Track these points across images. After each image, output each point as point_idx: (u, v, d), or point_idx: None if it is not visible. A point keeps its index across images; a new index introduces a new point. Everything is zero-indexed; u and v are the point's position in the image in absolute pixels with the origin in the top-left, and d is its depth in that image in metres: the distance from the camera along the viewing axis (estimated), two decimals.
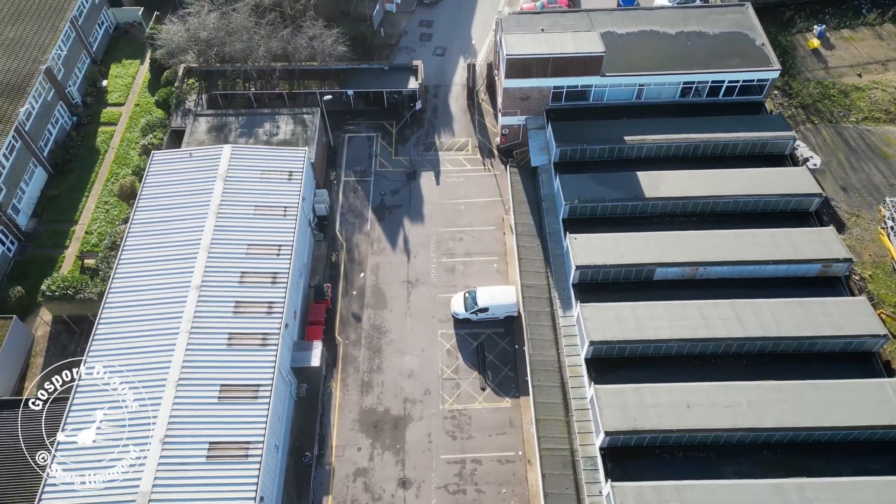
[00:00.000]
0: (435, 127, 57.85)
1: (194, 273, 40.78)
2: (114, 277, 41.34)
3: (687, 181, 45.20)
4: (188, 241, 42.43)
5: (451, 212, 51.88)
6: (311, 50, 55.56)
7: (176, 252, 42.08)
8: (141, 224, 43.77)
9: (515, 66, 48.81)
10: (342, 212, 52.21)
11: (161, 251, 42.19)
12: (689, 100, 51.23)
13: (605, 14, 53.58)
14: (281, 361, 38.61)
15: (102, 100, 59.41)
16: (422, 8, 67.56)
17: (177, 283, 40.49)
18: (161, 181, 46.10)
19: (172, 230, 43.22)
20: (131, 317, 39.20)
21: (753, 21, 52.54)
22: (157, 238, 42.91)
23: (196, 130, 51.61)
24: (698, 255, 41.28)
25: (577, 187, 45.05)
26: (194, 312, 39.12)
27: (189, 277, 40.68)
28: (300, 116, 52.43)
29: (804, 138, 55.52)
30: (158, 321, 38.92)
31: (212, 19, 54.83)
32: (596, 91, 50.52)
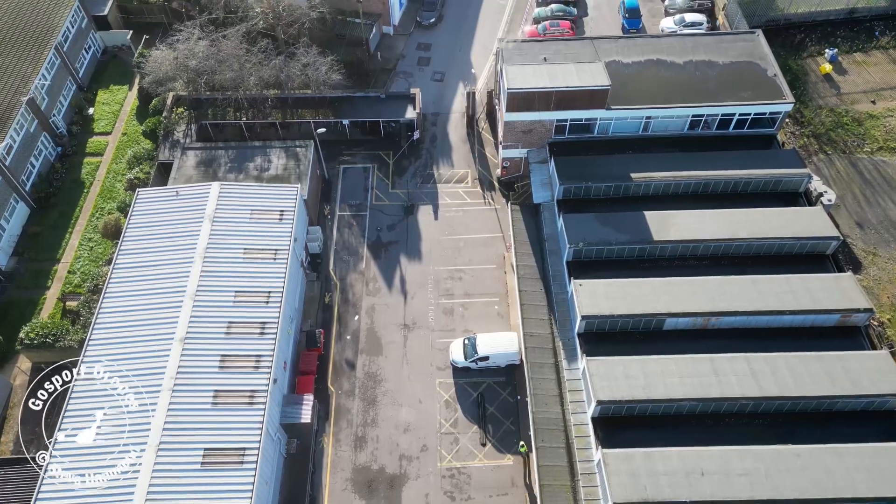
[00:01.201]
0: (433, 157, 55.74)
1: (178, 324, 38.59)
2: (94, 327, 39.15)
3: (697, 222, 43.08)
4: (173, 288, 40.24)
5: (450, 249, 49.75)
6: (305, 78, 53.54)
7: (160, 300, 39.88)
8: (123, 269, 41.57)
9: (517, 99, 46.73)
10: (336, 249, 50.07)
11: (144, 299, 39.98)
12: (698, 133, 49.20)
13: (609, 42, 51.51)
14: (269, 420, 36.41)
15: (89, 128, 57.28)
16: (420, 30, 65.51)
17: (160, 335, 38.28)
18: (146, 222, 43.92)
19: (156, 276, 41.01)
20: (112, 372, 36.96)
21: (765, 50, 50.47)
22: (140, 284, 40.70)
23: (184, 165, 49.50)
24: (710, 304, 39.13)
25: (582, 229, 42.94)
26: (178, 368, 36.91)
27: (173, 329, 38.49)
28: (293, 149, 50.33)
29: (817, 170, 53.38)
30: (140, 377, 36.65)
31: (201, 47, 52.76)
32: (601, 124, 48.48)
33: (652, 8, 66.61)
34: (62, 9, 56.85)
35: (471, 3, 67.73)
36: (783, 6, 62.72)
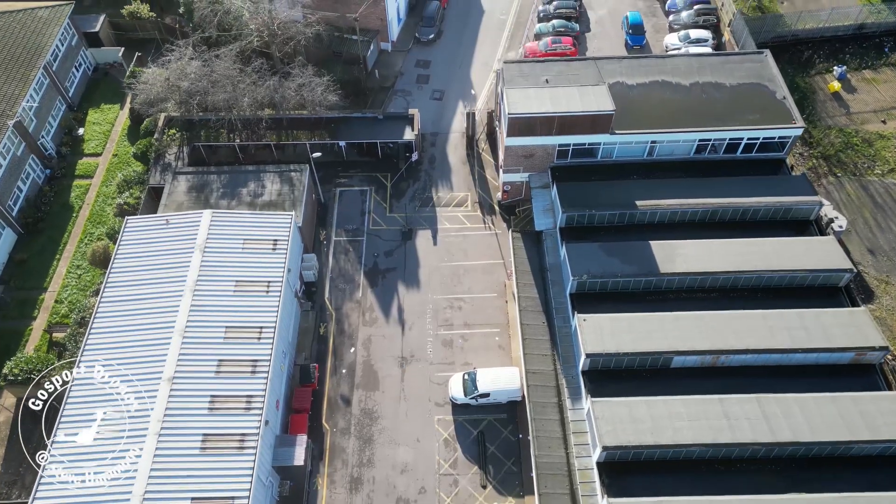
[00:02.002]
0: (432, 179, 54.25)
1: (167, 362, 37.14)
2: (79, 364, 37.67)
3: (705, 253, 41.56)
4: (161, 323, 38.78)
5: (450, 276, 48.25)
6: (301, 98, 52.10)
7: (147, 336, 38.42)
8: (110, 303, 40.10)
9: (518, 124, 45.27)
10: (332, 276, 48.56)
11: (131, 335, 38.51)
12: (705, 157, 47.71)
13: (613, 62, 50.05)
14: (260, 466, 34.86)
15: (78, 149, 55.83)
16: (418, 46, 64.05)
17: (147, 374, 36.78)
18: (134, 252, 42.46)
19: (144, 310, 39.55)
20: (95, 416, 35.44)
21: (773, 71, 48.99)
22: (127, 320, 39.23)
23: (175, 190, 48.01)
24: (720, 341, 37.61)
25: (586, 260, 41.44)
26: (165, 410, 35.44)
27: (161, 367, 37.02)
28: (287, 174, 48.84)
29: (827, 194, 51.92)
30: (125, 420, 35.20)
31: (193, 67, 51.32)
32: (605, 148, 47.01)
33: (656, 23, 65.20)
34: (51, 27, 55.45)
35: (470, 18, 66.36)
36: (790, 22, 61.29)
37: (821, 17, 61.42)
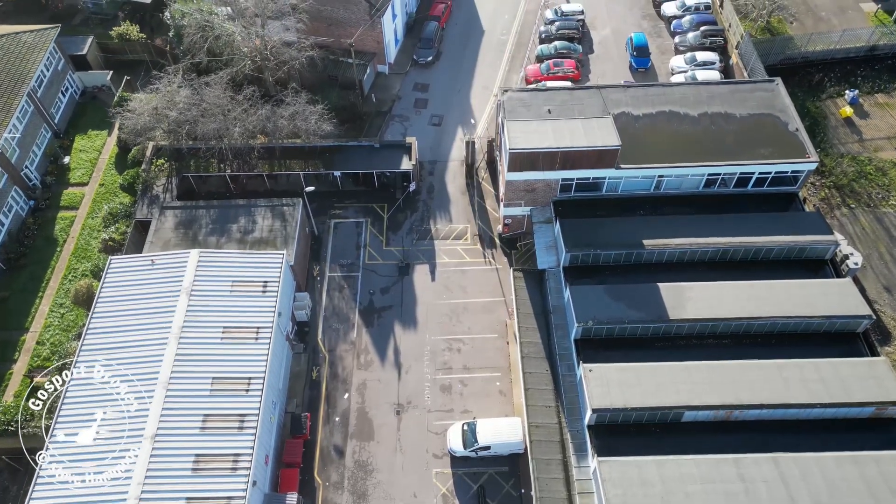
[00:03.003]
0: (430, 211, 52.29)
1: (149, 418, 35.20)
2: (57, 420, 35.76)
3: (716, 296, 39.62)
4: (145, 374, 36.82)
5: (448, 315, 46.29)
6: (294, 127, 50.21)
7: (130, 389, 36.40)
8: (92, 351, 38.13)
9: (519, 159, 43.37)
10: (326, 315, 46.59)
11: (112, 388, 36.50)
12: (714, 191, 45.79)
13: (618, 91, 48.09)
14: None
15: (64, 179, 53.86)
16: (416, 69, 62.11)
17: (129, 431, 34.86)
18: (118, 295, 40.51)
19: (127, 360, 37.52)
20: (72, 478, 33.51)
21: (785, 101, 47.05)
22: (109, 370, 37.16)
23: (162, 227, 46.06)
24: (733, 395, 35.65)
25: (591, 304, 39.49)
26: (146, 472, 33.49)
27: (143, 423, 35.09)
28: (279, 208, 46.89)
29: (840, 226, 50.00)
30: (103, 483, 33.25)
31: (182, 96, 49.41)
32: (610, 182, 45.11)
33: (661, 44, 63.30)
34: (36, 52, 53.52)
35: (470, 38, 64.44)
36: (800, 44, 59.36)
37: (832, 39, 59.51)
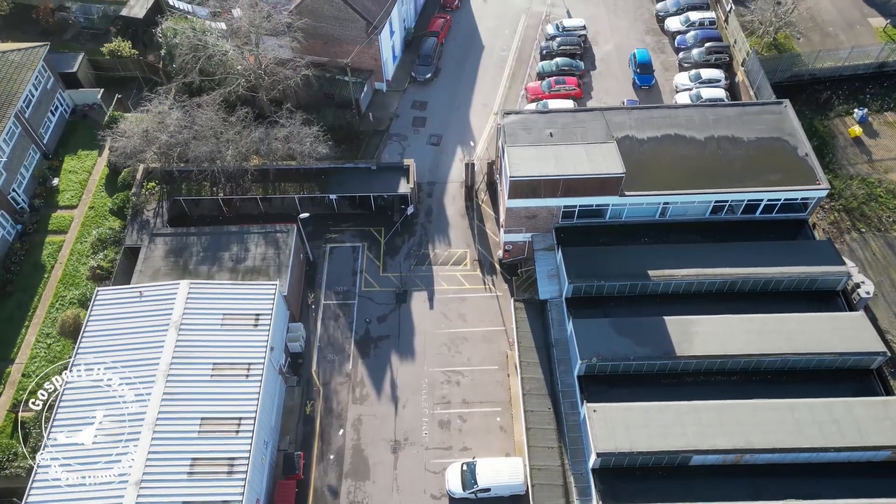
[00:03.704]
0: (429, 235, 50.88)
1: (135, 463, 33.78)
2: (38, 466, 34.33)
3: (724, 331, 38.19)
4: (131, 415, 35.41)
5: (447, 345, 44.88)
6: (289, 149, 48.85)
7: (115, 431, 35.06)
8: (76, 390, 36.75)
9: (520, 187, 41.97)
10: (320, 346, 45.17)
11: (96, 429, 35.13)
12: (722, 217, 44.38)
13: (622, 114, 46.69)
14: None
15: (53, 201, 52.45)
16: (415, 86, 60.72)
17: (113, 477, 33.44)
18: (104, 329, 39.06)
19: (112, 399, 36.11)
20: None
21: (794, 124, 45.64)
22: (93, 410, 35.84)
23: (151, 255, 44.64)
24: (743, 438, 34.20)
25: (595, 339, 38.06)
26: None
27: (128, 468, 33.66)
28: (272, 235, 45.50)
29: (850, 252, 48.60)
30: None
31: (174, 118, 48.04)
32: (613, 209, 43.71)
33: (665, 61, 61.92)
34: (24, 72, 52.14)
35: (470, 54, 63.05)
36: (808, 61, 57.95)
37: (840, 56, 58.10)
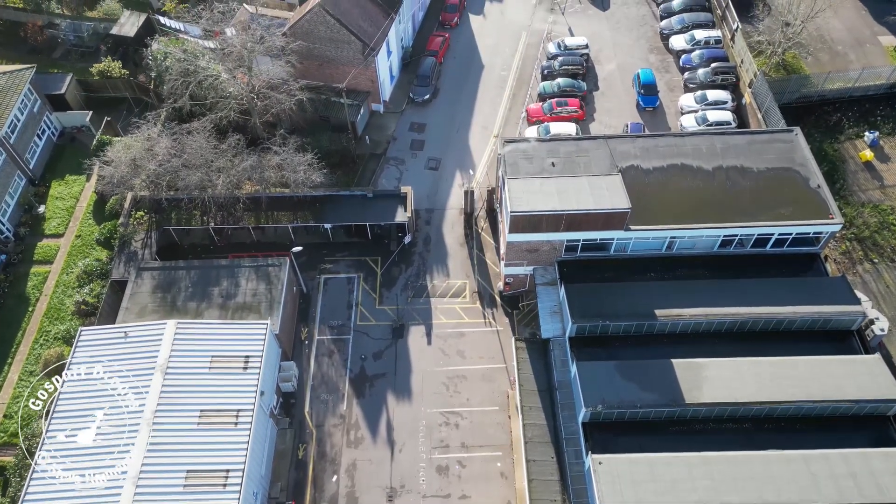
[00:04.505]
0: (427, 265, 49.23)
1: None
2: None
3: (734, 376, 36.58)
4: (112, 469, 33.74)
5: (445, 384, 43.21)
6: (282, 178, 47.27)
7: (96, 483, 33.40)
8: (56, 441, 35.06)
9: (522, 222, 40.36)
10: (314, 385, 43.51)
11: (79, 483, 33.48)
12: (731, 251, 42.76)
13: (627, 142, 45.04)
14: None
15: (38, 230, 50.76)
16: (413, 108, 59.05)
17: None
18: (87, 374, 37.24)
19: (94, 450, 34.53)
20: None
21: (805, 153, 43.99)
22: (74, 461, 34.18)
23: (138, 290, 42.95)
24: (756, 494, 32.55)
25: (600, 385, 36.40)
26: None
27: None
28: (264, 269, 43.82)
29: (863, 284, 46.95)
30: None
31: (163, 146, 46.43)
32: (618, 243, 42.09)
33: (670, 80, 60.23)
34: (9, 96, 50.53)
35: (469, 74, 61.31)
36: (817, 82, 56.32)
37: (850, 77, 56.47)
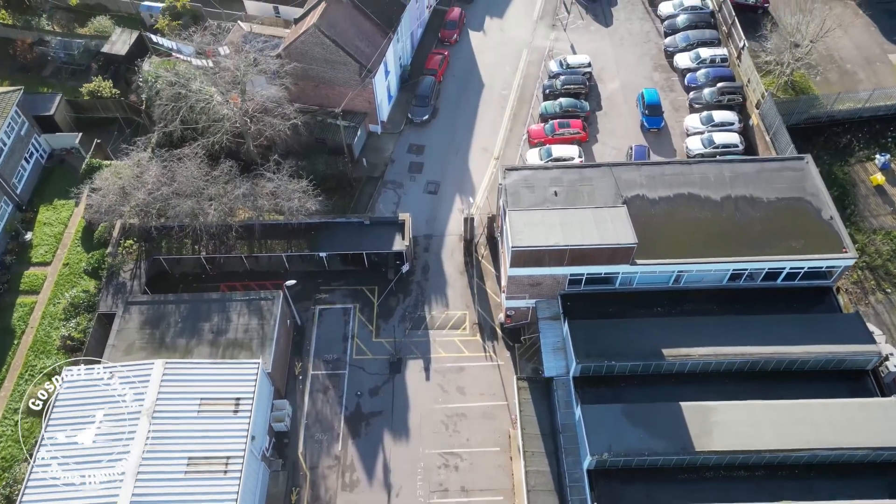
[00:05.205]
0: (425, 294, 47.68)
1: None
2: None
3: (746, 421, 35.08)
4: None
5: (444, 423, 41.68)
6: (276, 206, 45.79)
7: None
8: (37, 490, 33.56)
9: (523, 257, 38.84)
10: (307, 423, 41.95)
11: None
12: (740, 285, 41.24)
13: (632, 170, 43.54)
14: None
15: (25, 257, 49.14)
16: (412, 128, 57.49)
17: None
18: (70, 417, 35.86)
19: (77, 499, 33.02)
20: None
21: (817, 182, 42.48)
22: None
23: (126, 326, 41.42)
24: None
25: (605, 430, 34.88)
26: None
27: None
28: (256, 303, 42.32)
29: (875, 315, 45.52)
30: None
31: (152, 174, 44.94)
32: (624, 276, 40.57)
33: (674, 100, 58.70)
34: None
35: (469, 93, 59.74)
36: (826, 103, 54.83)
37: (860, 98, 54.98)
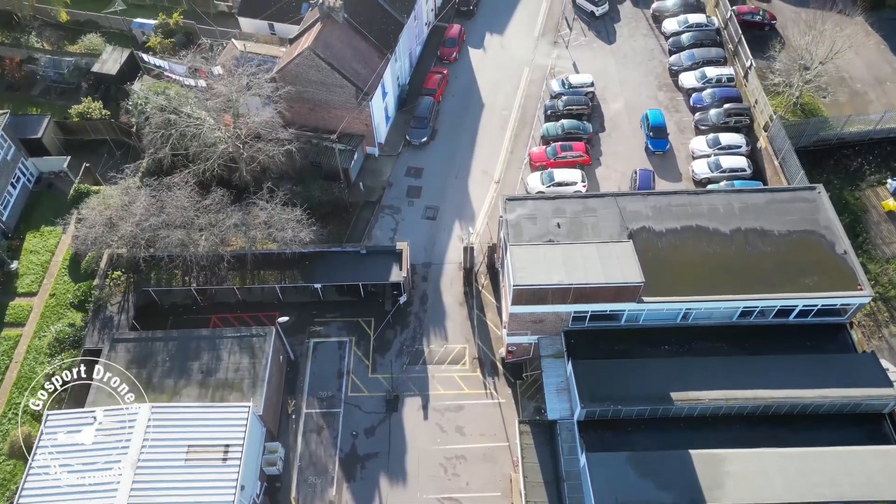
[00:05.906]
0: (423, 326, 46.10)
1: None
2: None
3: (758, 471, 33.56)
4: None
5: (443, 465, 40.08)
6: (269, 236, 44.28)
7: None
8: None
9: (525, 295, 37.31)
10: (300, 466, 40.35)
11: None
12: (751, 322, 39.71)
13: (637, 201, 42.04)
14: None
15: (11, 288, 47.62)
16: (410, 150, 55.88)
17: None
18: (53, 465, 34.33)
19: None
20: None
21: (830, 215, 40.94)
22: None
23: (111, 366, 39.78)
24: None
25: (612, 481, 33.38)
26: None
27: None
28: (248, 340, 40.70)
29: (889, 350, 43.94)
30: None
31: (140, 206, 43.42)
32: (630, 314, 39.03)
33: (680, 121, 57.10)
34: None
35: (468, 113, 58.09)
36: (836, 125, 53.30)
37: (871, 119, 53.46)
